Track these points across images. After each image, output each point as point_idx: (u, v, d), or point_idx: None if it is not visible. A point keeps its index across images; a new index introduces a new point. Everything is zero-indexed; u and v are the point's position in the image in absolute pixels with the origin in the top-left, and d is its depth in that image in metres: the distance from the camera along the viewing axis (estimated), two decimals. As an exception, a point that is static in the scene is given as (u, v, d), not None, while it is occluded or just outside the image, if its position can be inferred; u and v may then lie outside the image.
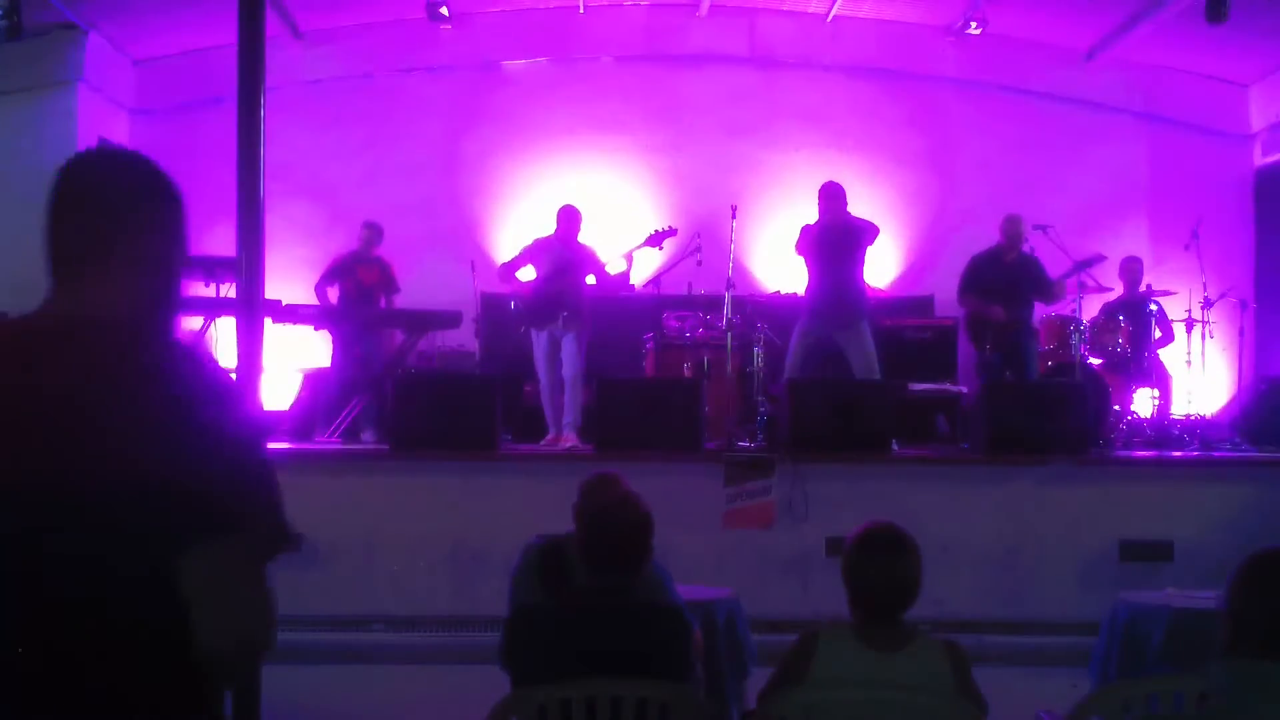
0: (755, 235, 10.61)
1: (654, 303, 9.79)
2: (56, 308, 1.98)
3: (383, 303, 10.04)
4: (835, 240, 8.51)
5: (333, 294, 9.98)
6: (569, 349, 8.65)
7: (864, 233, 8.56)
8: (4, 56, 9.51)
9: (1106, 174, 11.48)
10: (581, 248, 8.85)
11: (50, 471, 1.78)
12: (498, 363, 9.96)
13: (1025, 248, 9.46)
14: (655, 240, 8.90)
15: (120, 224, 1.91)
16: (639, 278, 9.43)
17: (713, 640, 5.11)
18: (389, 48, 11.43)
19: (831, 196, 8.58)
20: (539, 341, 8.73)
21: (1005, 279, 9.04)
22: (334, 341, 9.77)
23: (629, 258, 8.85)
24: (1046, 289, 9.11)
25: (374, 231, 10.04)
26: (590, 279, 8.81)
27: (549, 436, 8.73)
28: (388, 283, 10.05)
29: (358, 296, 9.91)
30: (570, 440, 8.55)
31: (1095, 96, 11.58)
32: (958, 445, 8.99)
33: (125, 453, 1.77)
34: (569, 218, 8.86)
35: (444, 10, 10.78)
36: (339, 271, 9.95)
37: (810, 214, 10.37)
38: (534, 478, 7.62)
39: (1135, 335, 9.61)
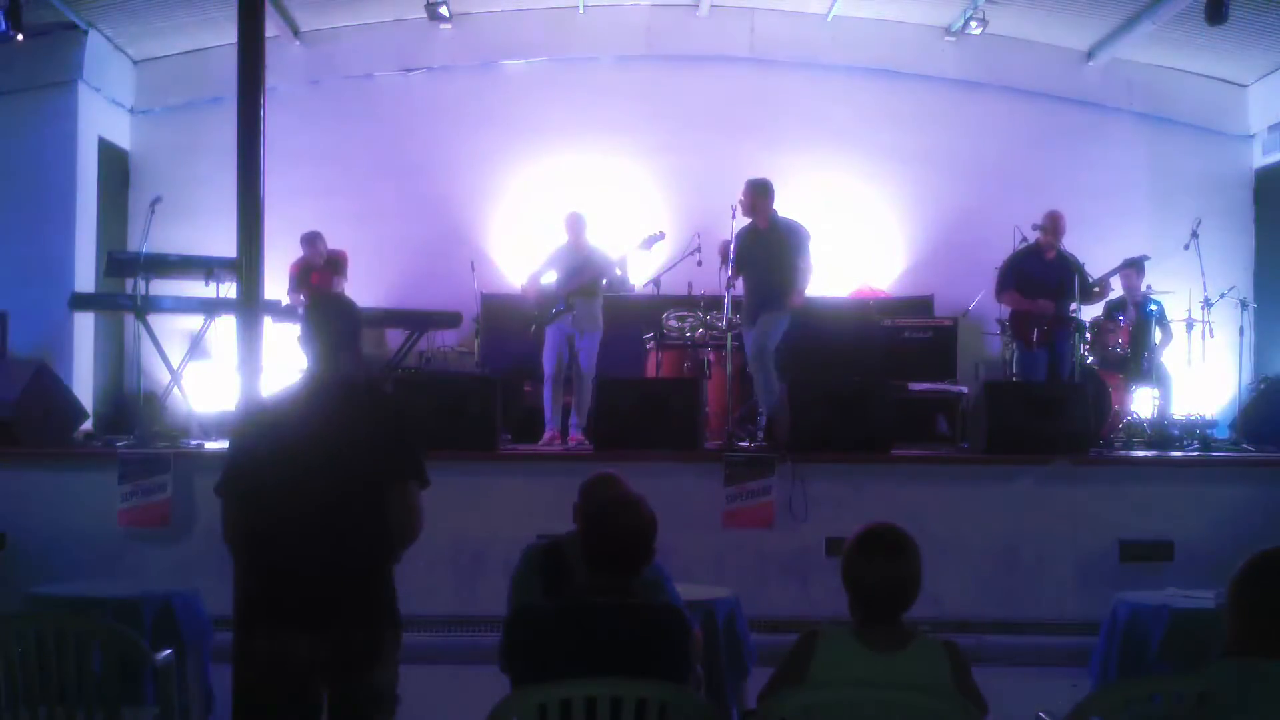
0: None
1: (654, 303, 9.79)
2: (320, 374, 3.73)
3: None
4: (766, 244, 8.47)
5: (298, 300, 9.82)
6: (585, 349, 8.69)
7: (799, 237, 8.52)
8: (4, 56, 9.51)
9: (1106, 174, 11.48)
10: (592, 250, 8.89)
11: (327, 449, 3.60)
12: (498, 363, 9.96)
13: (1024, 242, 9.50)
14: (646, 245, 8.93)
15: (352, 336, 3.84)
16: (638, 279, 9.44)
17: (713, 640, 5.12)
18: (389, 48, 11.43)
19: (764, 194, 8.53)
20: (550, 335, 8.76)
21: (1050, 275, 9.01)
22: None
23: (623, 264, 8.87)
24: (1087, 287, 9.07)
25: (314, 241, 9.84)
26: (604, 281, 8.83)
27: (547, 435, 8.73)
28: (341, 275, 9.80)
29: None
30: (576, 438, 8.59)
31: (1095, 96, 11.58)
32: (958, 445, 8.98)
33: (358, 438, 3.64)
34: (573, 223, 8.93)
35: (444, 10, 10.78)
36: (294, 282, 9.81)
37: (806, 214, 10.39)
38: (534, 478, 7.62)
39: (1135, 335, 9.61)
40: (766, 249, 8.44)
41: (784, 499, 7.38)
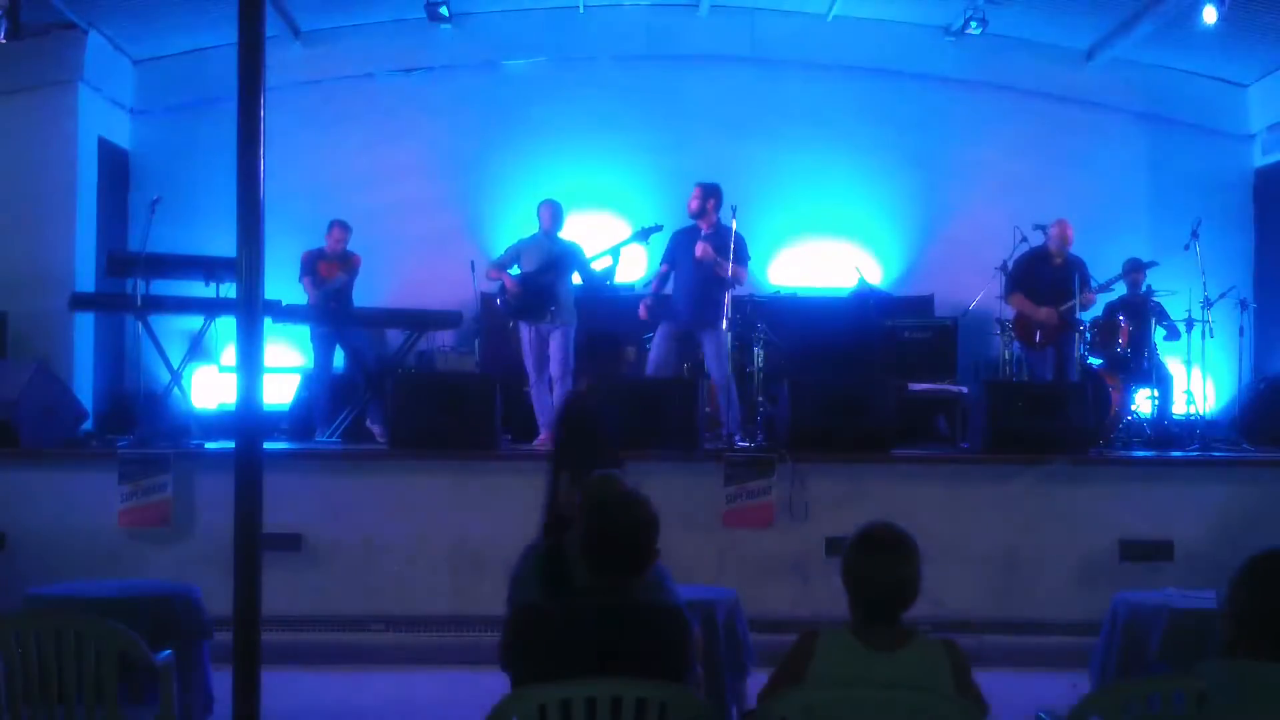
0: (755, 235, 10.58)
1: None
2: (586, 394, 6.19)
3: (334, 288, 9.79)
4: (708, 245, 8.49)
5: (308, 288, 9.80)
6: (556, 346, 8.64)
7: (743, 250, 8.53)
8: (4, 56, 9.50)
9: (1106, 174, 11.48)
10: (566, 243, 8.86)
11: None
12: (498, 363, 9.96)
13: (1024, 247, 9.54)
14: (642, 236, 8.90)
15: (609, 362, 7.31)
16: (634, 275, 9.42)
17: (713, 640, 5.12)
18: (389, 48, 11.43)
19: (715, 198, 8.59)
20: (526, 337, 8.73)
21: (1058, 280, 9.08)
22: (316, 341, 9.70)
23: (616, 254, 8.84)
24: (1087, 290, 9.13)
25: (339, 230, 9.79)
26: (576, 278, 8.80)
27: (542, 437, 8.70)
28: (348, 273, 9.81)
29: (319, 291, 9.72)
30: None
31: (1095, 96, 11.58)
32: (958, 445, 8.99)
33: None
34: (551, 212, 8.87)
35: (444, 10, 10.77)
36: (304, 268, 9.79)
37: (805, 214, 10.45)
38: (534, 478, 7.55)
39: (1135, 335, 9.61)
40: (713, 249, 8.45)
41: (784, 499, 7.38)
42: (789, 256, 11.34)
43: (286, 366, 10.31)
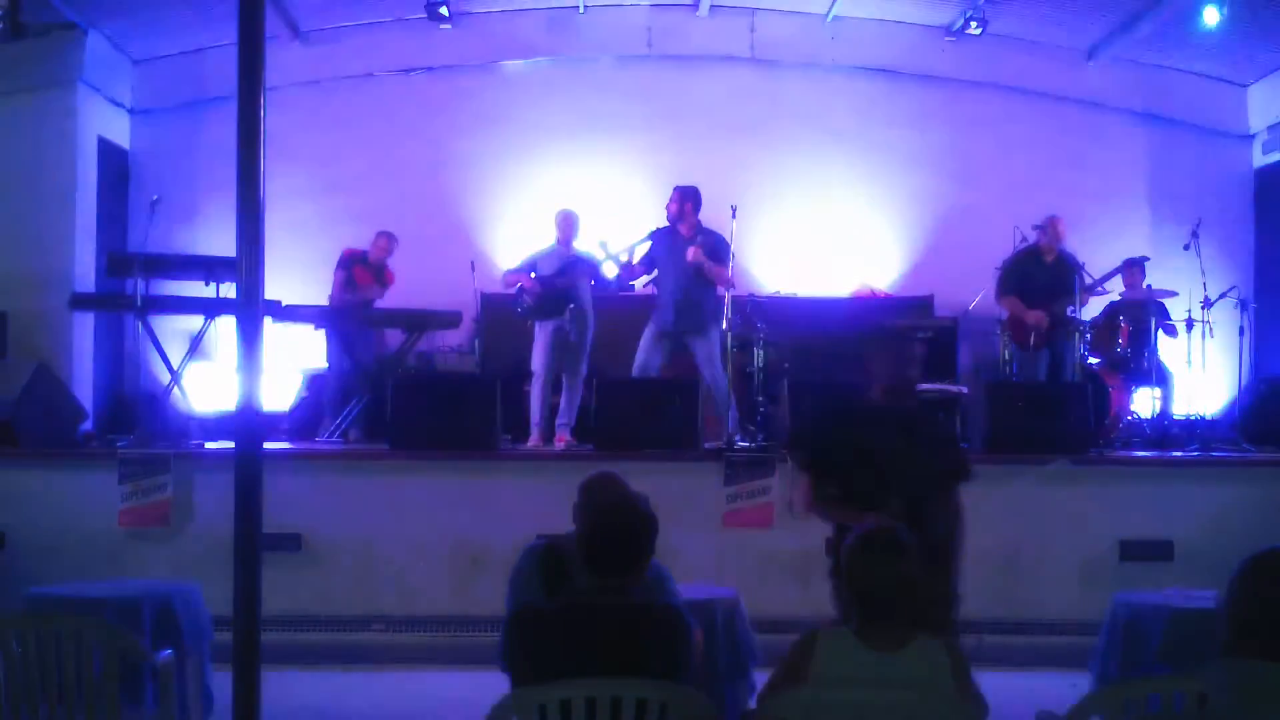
0: (755, 235, 10.61)
1: (653, 302, 9.77)
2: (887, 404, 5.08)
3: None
4: (682, 249, 8.52)
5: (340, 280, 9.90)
6: (583, 348, 8.69)
7: (724, 250, 8.50)
8: (4, 56, 9.51)
9: (1106, 174, 11.47)
10: (581, 253, 8.92)
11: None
12: (498, 363, 9.96)
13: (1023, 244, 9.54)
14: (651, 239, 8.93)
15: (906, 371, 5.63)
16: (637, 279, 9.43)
17: (713, 640, 5.12)
18: (389, 48, 11.42)
19: (694, 202, 8.63)
20: (542, 334, 8.75)
21: (1049, 278, 9.08)
22: (331, 340, 9.74)
23: (619, 259, 8.87)
24: (1083, 289, 9.14)
25: (385, 240, 9.96)
26: (589, 284, 8.85)
27: (533, 440, 8.68)
28: (379, 282, 9.94)
29: (351, 293, 9.83)
30: (565, 439, 8.57)
31: (1095, 96, 11.57)
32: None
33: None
34: (567, 223, 8.94)
35: (444, 10, 10.77)
36: (342, 263, 9.88)
37: (805, 215, 10.41)
38: (534, 478, 7.62)
39: (1135, 335, 9.61)
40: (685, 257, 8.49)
41: (784, 499, 7.38)
42: (789, 256, 11.34)
43: (286, 367, 10.31)
